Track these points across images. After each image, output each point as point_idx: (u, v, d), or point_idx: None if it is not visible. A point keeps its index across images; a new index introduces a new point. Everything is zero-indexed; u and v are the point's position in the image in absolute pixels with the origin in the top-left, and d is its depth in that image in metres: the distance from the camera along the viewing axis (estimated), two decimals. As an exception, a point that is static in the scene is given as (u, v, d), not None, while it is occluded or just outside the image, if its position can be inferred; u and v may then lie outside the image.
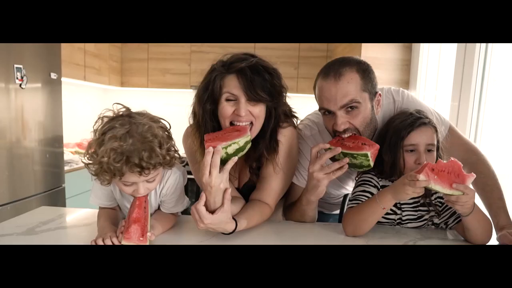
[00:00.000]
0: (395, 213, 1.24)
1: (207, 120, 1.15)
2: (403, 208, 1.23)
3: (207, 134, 1.07)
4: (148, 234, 1.00)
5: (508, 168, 2.06)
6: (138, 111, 1.05)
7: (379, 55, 2.76)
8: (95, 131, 1.00)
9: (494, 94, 2.22)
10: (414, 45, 2.82)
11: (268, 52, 3.90)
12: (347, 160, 1.11)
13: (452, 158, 1.04)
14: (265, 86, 1.10)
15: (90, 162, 0.99)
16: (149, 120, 1.01)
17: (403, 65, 2.86)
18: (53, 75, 2.48)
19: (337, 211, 1.59)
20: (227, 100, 1.11)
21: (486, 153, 1.33)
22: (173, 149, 1.05)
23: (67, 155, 2.92)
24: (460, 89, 2.28)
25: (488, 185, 1.24)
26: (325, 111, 1.19)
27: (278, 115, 1.18)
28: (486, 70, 2.19)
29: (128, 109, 1.04)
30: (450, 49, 2.55)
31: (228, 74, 1.11)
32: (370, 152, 1.09)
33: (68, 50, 3.12)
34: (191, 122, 1.23)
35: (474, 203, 1.04)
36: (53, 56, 2.51)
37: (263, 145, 1.17)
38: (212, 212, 1.00)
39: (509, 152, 2.10)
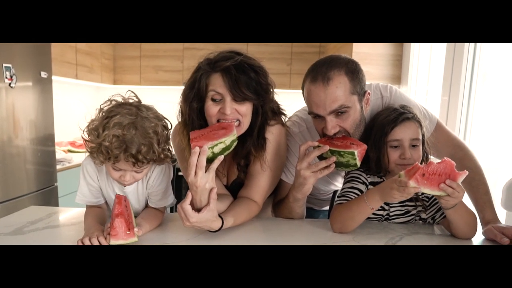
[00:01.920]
0: (383, 209, 1.25)
1: (194, 118, 1.15)
2: (391, 204, 1.24)
3: (192, 132, 1.06)
4: (135, 229, 1.01)
5: (496, 161, 2.08)
6: (146, 105, 1.09)
7: (370, 51, 2.76)
8: (101, 109, 1.05)
9: (483, 88, 2.24)
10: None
11: (261, 48, 3.93)
12: (334, 158, 1.10)
13: (446, 158, 1.02)
14: (251, 84, 1.10)
15: (89, 140, 1.03)
16: (154, 117, 1.06)
17: (394, 60, 2.86)
18: (43, 74, 2.47)
19: (327, 207, 1.60)
20: (213, 99, 1.11)
21: (475, 147, 1.34)
22: (168, 147, 1.10)
23: (60, 154, 2.91)
24: (450, 84, 2.30)
25: (474, 180, 1.24)
26: (315, 115, 1.19)
27: (265, 112, 1.18)
28: (476, 64, 2.20)
29: (139, 100, 1.09)
30: (441, 44, 2.55)
31: (213, 72, 1.11)
32: (357, 151, 1.09)
33: (59, 49, 3.11)
34: (180, 119, 1.23)
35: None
36: (43, 55, 2.49)
37: (251, 142, 1.17)
38: (198, 210, 1.01)
39: (498, 145, 2.11)
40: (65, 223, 1.21)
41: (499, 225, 1.13)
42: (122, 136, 0.98)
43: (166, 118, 1.12)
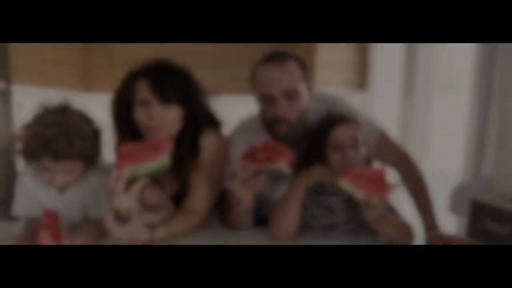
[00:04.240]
0: (327, 217, 1.24)
1: (123, 125, 1.15)
2: (336, 212, 1.24)
3: (124, 146, 1.01)
4: (66, 241, 0.98)
5: (453, 164, 2.11)
6: (76, 109, 1.12)
7: (334, 57, 2.76)
8: None
9: (440, 92, 2.30)
10: (369, 46, 2.84)
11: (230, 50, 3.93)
12: (263, 178, 1.08)
13: (381, 167, 1.06)
14: (175, 86, 1.10)
15: (18, 142, 1.06)
16: (80, 118, 1.10)
17: (358, 66, 2.86)
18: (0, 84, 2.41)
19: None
20: (140, 104, 1.10)
21: (433, 151, 1.36)
22: (95, 148, 1.11)
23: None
24: (408, 88, 2.36)
25: (417, 187, 1.27)
26: (265, 98, 1.19)
27: (196, 117, 1.17)
28: (432, 69, 2.26)
29: (66, 104, 1.12)
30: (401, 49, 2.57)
31: (138, 78, 1.12)
32: (281, 164, 1.06)
33: (23, 58, 3.04)
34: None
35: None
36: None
37: (183, 149, 1.16)
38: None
39: (455, 149, 2.14)
40: (3, 240, 1.18)
41: (439, 233, 1.15)
42: (41, 133, 1.00)
43: (95, 120, 1.14)
